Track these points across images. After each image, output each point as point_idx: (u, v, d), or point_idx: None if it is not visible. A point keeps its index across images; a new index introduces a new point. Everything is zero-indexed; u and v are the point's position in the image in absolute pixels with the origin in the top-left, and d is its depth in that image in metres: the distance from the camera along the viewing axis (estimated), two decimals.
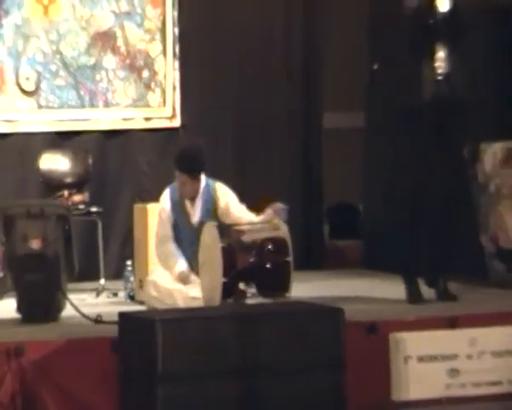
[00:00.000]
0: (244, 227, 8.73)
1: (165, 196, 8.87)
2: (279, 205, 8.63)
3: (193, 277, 8.68)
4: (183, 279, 8.69)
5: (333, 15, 11.31)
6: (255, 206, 8.75)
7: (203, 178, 8.78)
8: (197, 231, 8.64)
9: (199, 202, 8.81)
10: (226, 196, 8.80)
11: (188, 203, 8.82)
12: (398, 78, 8.76)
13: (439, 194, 8.66)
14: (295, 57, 11.20)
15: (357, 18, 11.20)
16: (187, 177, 8.74)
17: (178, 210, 8.84)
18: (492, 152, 9.94)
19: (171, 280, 8.74)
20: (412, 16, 8.45)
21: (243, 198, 8.84)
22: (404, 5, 8.48)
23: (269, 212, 8.60)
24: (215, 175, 8.90)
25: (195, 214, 8.82)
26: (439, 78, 8.41)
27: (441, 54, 8.43)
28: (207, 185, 8.81)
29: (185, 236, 8.80)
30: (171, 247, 8.83)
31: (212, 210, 8.78)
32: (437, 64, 8.41)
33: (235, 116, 10.76)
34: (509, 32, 10.57)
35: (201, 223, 8.69)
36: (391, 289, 8.92)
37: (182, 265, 8.75)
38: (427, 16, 8.41)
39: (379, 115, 10.46)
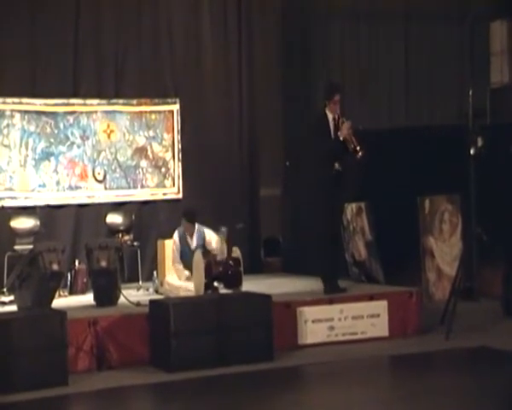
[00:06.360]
0: (216, 252, 8.69)
1: (176, 234, 8.86)
2: (223, 228, 8.71)
3: (189, 275, 8.65)
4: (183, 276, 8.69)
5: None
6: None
7: (196, 224, 8.78)
8: (193, 253, 8.61)
9: (194, 238, 8.79)
10: (208, 235, 8.80)
11: (188, 237, 8.80)
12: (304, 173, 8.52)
13: (329, 231, 8.12)
14: (245, 156, 10.84)
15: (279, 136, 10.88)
16: (188, 223, 8.77)
17: (183, 241, 8.82)
18: (350, 208, 9.96)
19: (178, 281, 8.70)
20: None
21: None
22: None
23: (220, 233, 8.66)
24: (200, 221, 8.89)
25: (193, 244, 8.78)
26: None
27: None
28: (199, 229, 8.80)
29: (187, 255, 8.72)
30: (178, 263, 8.82)
31: (202, 242, 8.75)
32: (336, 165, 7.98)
33: (212, 193, 10.36)
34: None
35: (195, 249, 8.67)
36: (297, 284, 8.83)
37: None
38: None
39: (292, 189, 10.38)
